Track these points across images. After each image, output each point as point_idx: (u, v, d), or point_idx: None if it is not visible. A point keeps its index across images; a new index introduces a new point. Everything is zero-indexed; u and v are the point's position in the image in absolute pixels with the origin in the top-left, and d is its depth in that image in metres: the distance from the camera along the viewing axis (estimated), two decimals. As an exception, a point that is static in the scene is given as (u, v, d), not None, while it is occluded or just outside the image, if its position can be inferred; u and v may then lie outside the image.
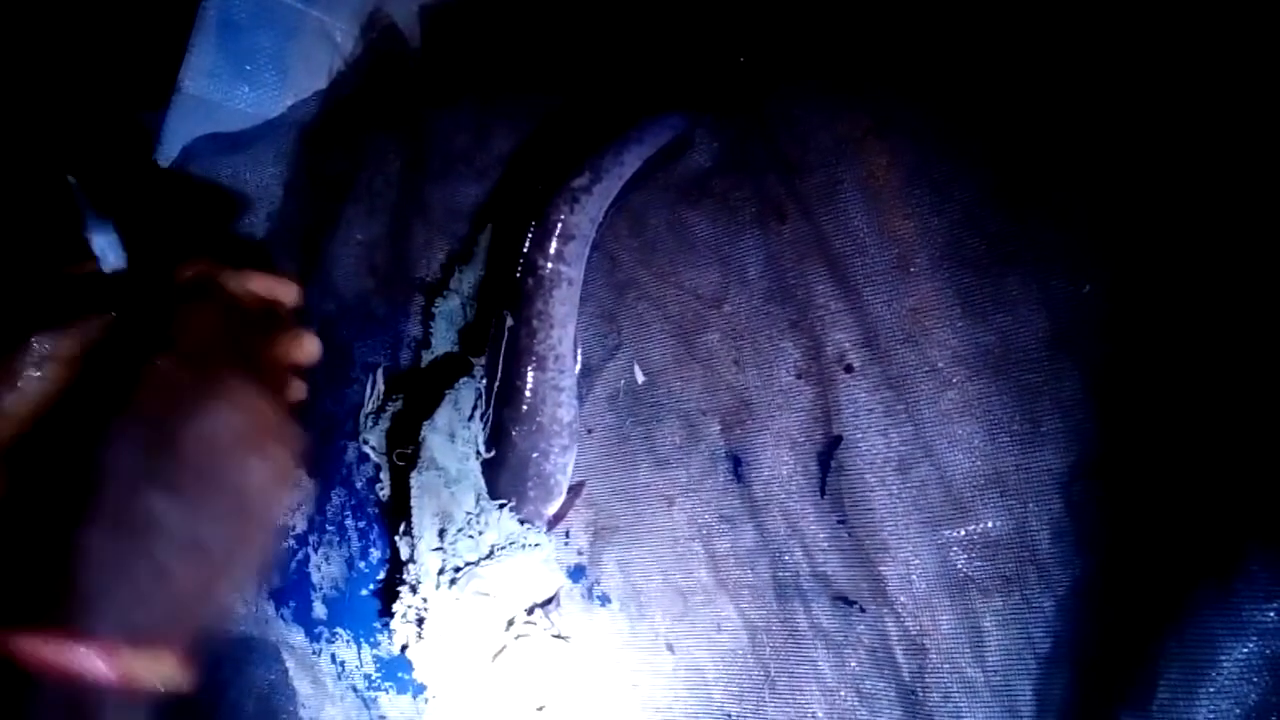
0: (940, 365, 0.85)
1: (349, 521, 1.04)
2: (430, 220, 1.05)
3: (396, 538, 0.93)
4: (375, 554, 1.02)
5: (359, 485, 1.04)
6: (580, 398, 0.95)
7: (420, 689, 0.95)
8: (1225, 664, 0.68)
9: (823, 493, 0.88)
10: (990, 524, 0.84)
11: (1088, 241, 0.84)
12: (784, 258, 0.90)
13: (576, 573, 0.95)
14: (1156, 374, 0.81)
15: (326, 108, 1.08)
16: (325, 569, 1.04)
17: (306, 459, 1.05)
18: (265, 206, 1.09)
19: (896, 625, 0.84)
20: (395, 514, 0.97)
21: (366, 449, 1.00)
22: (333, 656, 1.00)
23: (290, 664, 1.02)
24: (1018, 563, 0.82)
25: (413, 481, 0.90)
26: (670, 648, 0.90)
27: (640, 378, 0.94)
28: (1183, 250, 0.81)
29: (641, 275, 0.94)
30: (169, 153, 1.11)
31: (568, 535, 0.95)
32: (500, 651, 0.92)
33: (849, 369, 0.88)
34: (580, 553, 0.95)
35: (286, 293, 0.77)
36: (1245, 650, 0.67)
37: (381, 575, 1.01)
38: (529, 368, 0.87)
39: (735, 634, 0.88)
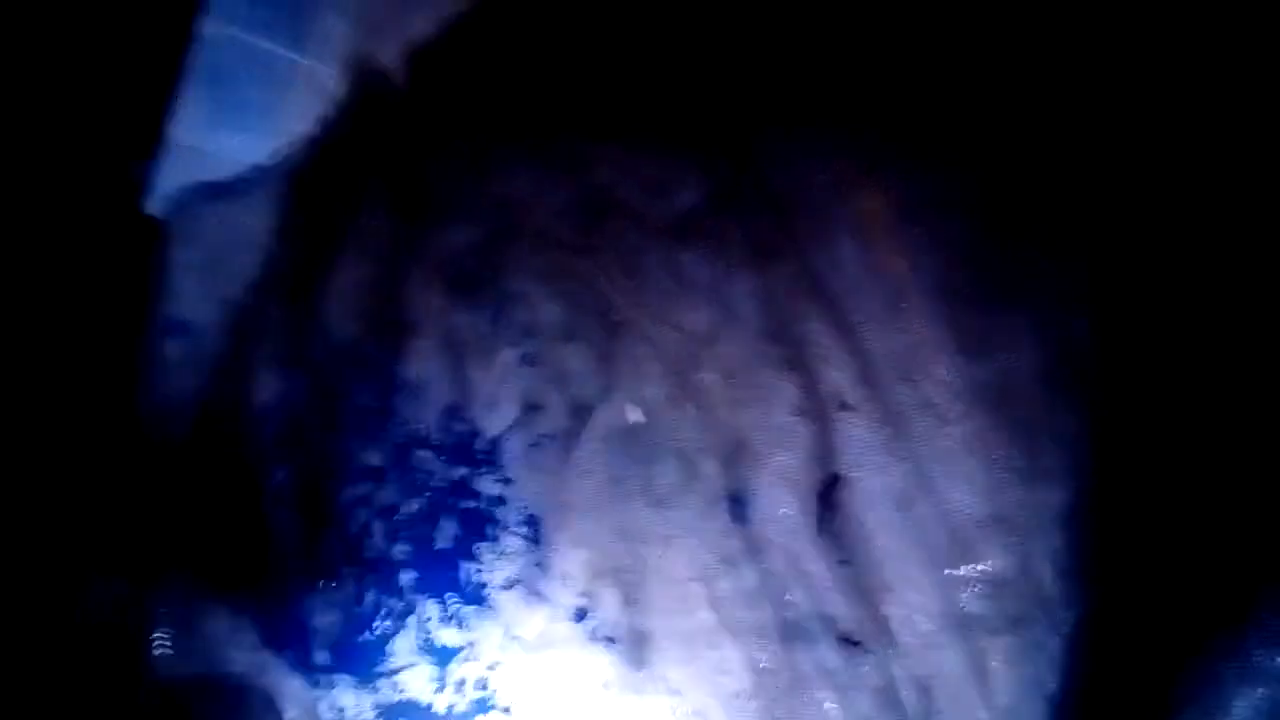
0: (938, 402, 0.84)
1: (345, 568, 1.02)
2: (423, 263, 1.04)
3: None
4: (372, 600, 1.00)
5: (353, 531, 1.02)
6: (576, 438, 0.94)
7: (421, 736, 0.94)
8: (1236, 708, 0.66)
9: (823, 532, 0.86)
10: (994, 562, 0.82)
11: (1080, 279, 0.83)
12: (778, 296, 0.89)
13: (578, 615, 0.93)
14: (1157, 409, 0.80)
15: (317, 153, 1.07)
16: (323, 616, 1.02)
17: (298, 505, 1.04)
18: (256, 252, 1.08)
19: (902, 666, 0.82)
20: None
21: None
22: (332, 703, 0.97)
23: (289, 712, 1.00)
24: (1023, 601, 0.81)
25: None
26: (674, 691, 0.88)
27: (635, 418, 0.93)
28: (1178, 285, 0.81)
29: (635, 315, 0.93)
30: (160, 201, 1.10)
31: (566, 578, 0.93)
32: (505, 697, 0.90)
33: (846, 406, 0.87)
34: (581, 594, 0.93)
35: None
36: (1256, 695, 0.66)
37: (380, 621, 0.99)
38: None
39: (740, 676, 0.87)
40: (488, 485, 0.97)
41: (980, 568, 0.82)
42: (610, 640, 0.91)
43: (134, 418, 1.15)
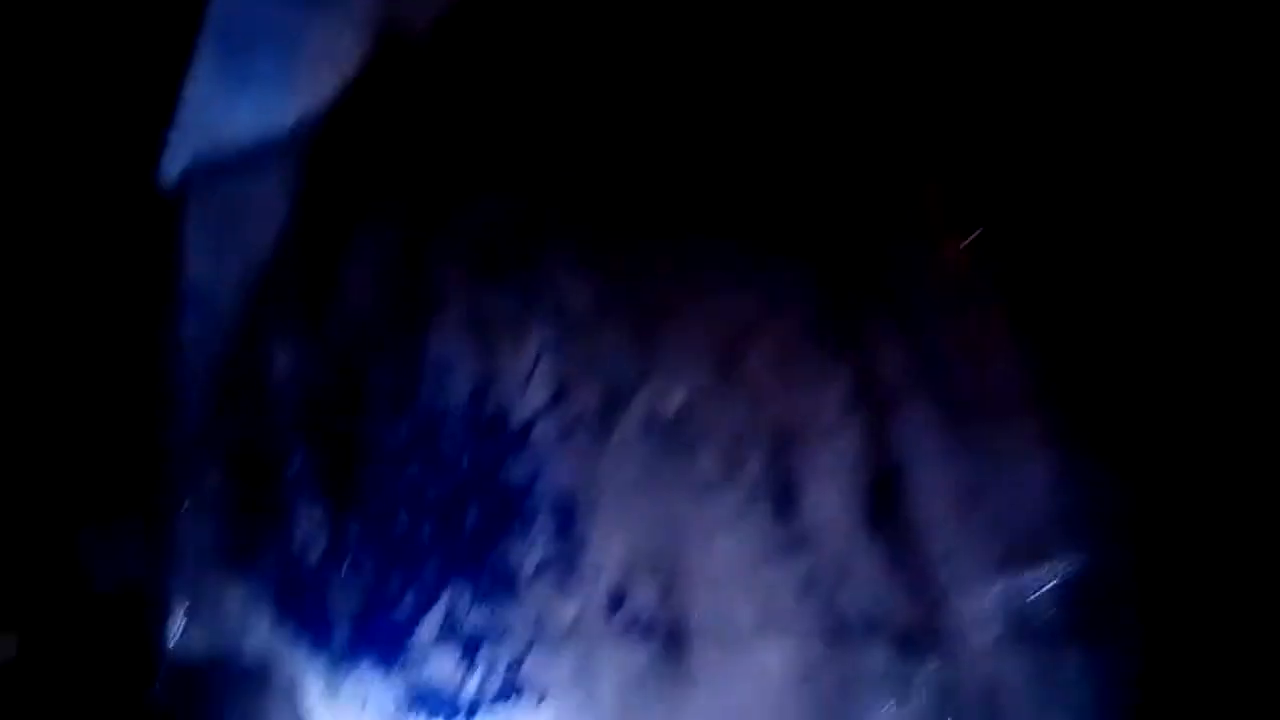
0: (1006, 394, 0.78)
1: (367, 551, 0.98)
2: (448, 238, 0.99)
3: None
4: (395, 583, 0.96)
5: (375, 513, 0.98)
6: (612, 424, 0.88)
7: (448, 720, 0.91)
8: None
9: (878, 528, 0.81)
10: (1069, 566, 0.77)
11: (1167, 268, 0.77)
12: (831, 278, 0.83)
13: (612, 605, 0.88)
14: (1254, 407, 0.74)
15: (337, 123, 1.04)
16: (344, 601, 0.98)
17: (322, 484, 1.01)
18: (271, 228, 1.04)
19: (963, 674, 0.77)
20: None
21: None
22: (355, 690, 0.96)
23: (309, 697, 0.99)
24: (1101, 609, 0.75)
25: None
26: (714, 689, 0.85)
27: (674, 404, 0.88)
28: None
29: (676, 298, 0.88)
30: (171, 173, 1.07)
31: (599, 567, 0.89)
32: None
33: (904, 397, 0.82)
34: (615, 585, 0.89)
35: None
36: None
37: (404, 605, 0.96)
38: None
39: (784, 676, 0.82)
40: (517, 470, 0.93)
41: (1053, 571, 0.77)
42: (645, 633, 0.87)
43: (148, 393, 1.13)
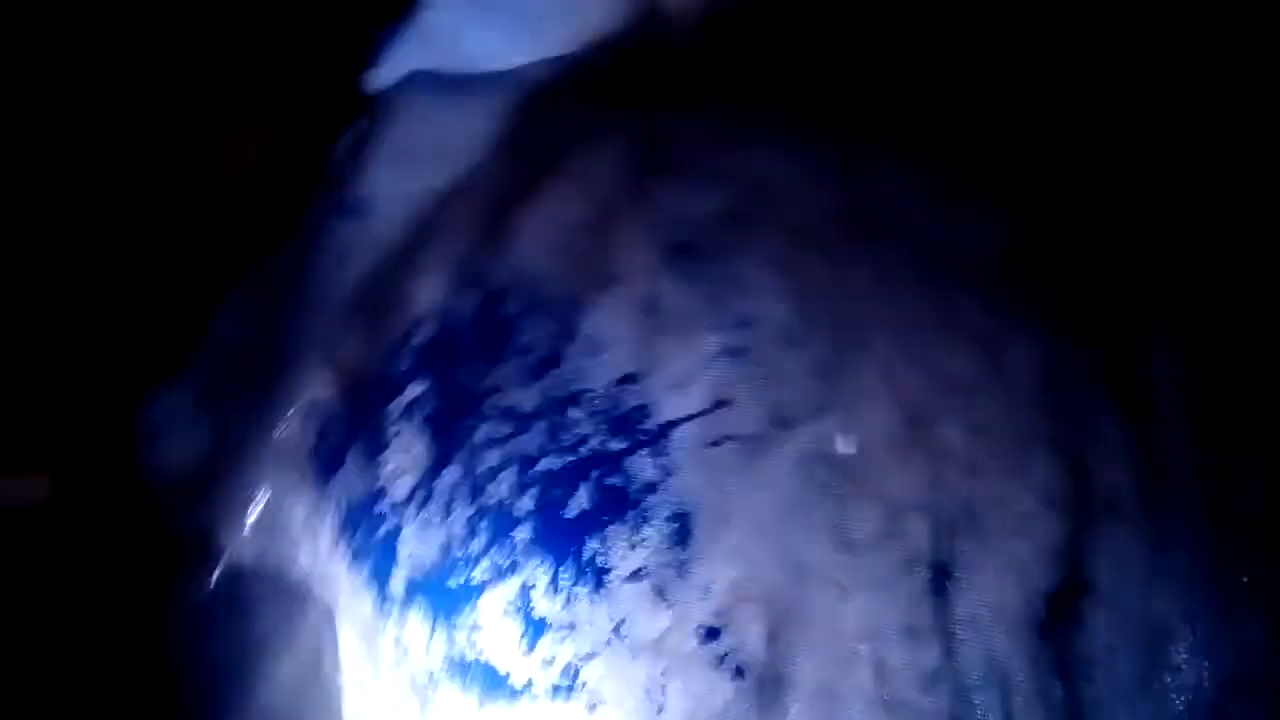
0: (1245, 532, 0.73)
1: (458, 504, 0.94)
2: (644, 217, 0.95)
3: None
4: (476, 545, 0.91)
5: (480, 468, 0.92)
6: (766, 450, 0.84)
7: (483, 700, 0.85)
8: None
9: (1040, 643, 0.75)
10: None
11: None
12: (1068, 369, 0.79)
13: (708, 633, 0.82)
14: None
15: (565, 74, 1.01)
16: (415, 547, 0.92)
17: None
18: (463, 159, 1.02)
19: (1102, 826, 0.71)
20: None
21: None
22: (397, 639, 0.89)
23: (346, 633, 0.93)
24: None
25: None
26: (802, 754, 0.78)
27: (845, 448, 0.83)
28: None
29: (878, 339, 0.84)
30: (383, 78, 1.05)
31: (706, 590, 0.84)
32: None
33: (1117, 513, 0.76)
34: (718, 613, 0.83)
35: None
36: None
37: (477, 570, 0.91)
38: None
39: (890, 763, 0.76)
40: (645, 467, 0.88)
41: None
42: (739, 672, 0.81)
43: (275, 289, 1.10)
